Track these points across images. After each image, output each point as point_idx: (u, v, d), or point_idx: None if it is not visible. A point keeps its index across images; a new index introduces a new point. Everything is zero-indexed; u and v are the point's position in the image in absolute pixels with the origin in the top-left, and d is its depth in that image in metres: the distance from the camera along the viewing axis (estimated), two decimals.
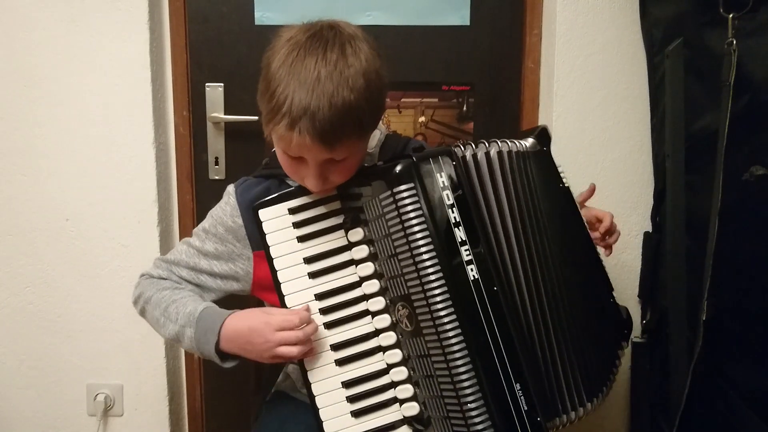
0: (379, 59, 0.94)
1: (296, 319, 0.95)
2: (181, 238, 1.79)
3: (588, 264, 1.11)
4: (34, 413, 1.79)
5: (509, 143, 1.03)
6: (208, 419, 1.88)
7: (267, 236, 1.00)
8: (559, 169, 1.10)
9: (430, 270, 0.90)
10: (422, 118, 1.78)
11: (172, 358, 1.80)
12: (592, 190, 1.23)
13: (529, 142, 1.07)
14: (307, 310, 0.99)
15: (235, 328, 0.99)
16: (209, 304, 1.06)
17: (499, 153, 1.00)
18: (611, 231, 1.17)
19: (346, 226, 1.00)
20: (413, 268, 0.91)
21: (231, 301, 1.10)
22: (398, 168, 0.93)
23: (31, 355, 1.77)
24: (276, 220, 1.01)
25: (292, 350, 0.95)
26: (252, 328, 0.97)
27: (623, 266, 1.70)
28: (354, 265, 1.00)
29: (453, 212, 0.93)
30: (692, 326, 1.43)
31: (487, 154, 0.99)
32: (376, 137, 1.10)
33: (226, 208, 1.09)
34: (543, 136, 1.09)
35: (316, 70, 0.87)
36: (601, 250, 1.18)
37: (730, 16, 1.26)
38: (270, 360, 0.98)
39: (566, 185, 1.10)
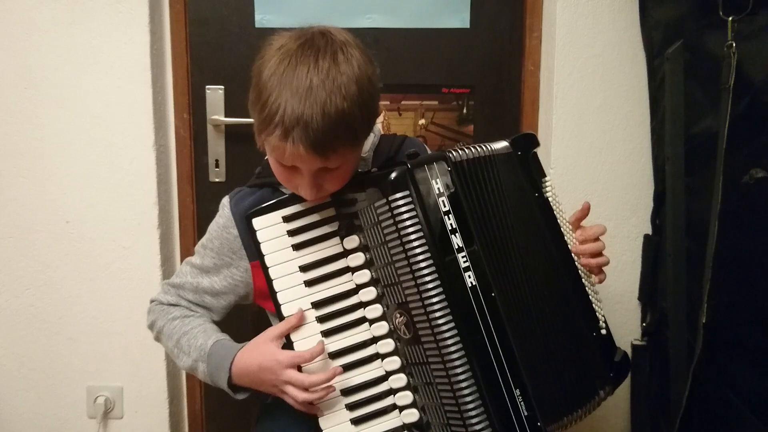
0: (371, 65, 0.93)
1: (308, 355, 0.95)
2: (181, 241, 1.80)
3: (561, 285, 1.04)
4: (34, 415, 1.79)
5: (482, 148, 1.00)
6: (208, 422, 1.88)
7: (261, 245, 1.00)
8: (546, 181, 1.06)
9: (428, 278, 0.90)
10: (422, 121, 1.78)
11: (172, 360, 1.79)
12: (586, 210, 1.10)
13: (499, 144, 1.03)
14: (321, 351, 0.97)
15: (245, 366, 1.00)
16: (218, 338, 1.06)
17: (485, 158, 0.99)
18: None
19: (342, 234, 0.99)
20: (410, 275, 0.91)
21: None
22: (393, 175, 0.91)
23: (31, 357, 1.77)
24: (270, 228, 1.00)
25: (298, 394, 0.95)
26: (262, 366, 0.98)
27: (623, 268, 1.70)
28: (350, 273, 0.99)
29: (449, 219, 0.92)
30: (692, 329, 1.43)
31: (475, 159, 0.98)
32: (369, 141, 1.09)
33: (220, 221, 1.09)
34: (521, 141, 1.05)
35: (308, 78, 0.86)
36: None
37: (730, 18, 1.26)
38: (280, 396, 0.99)
39: (546, 196, 1.05)
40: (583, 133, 1.66)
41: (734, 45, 1.25)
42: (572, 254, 1.06)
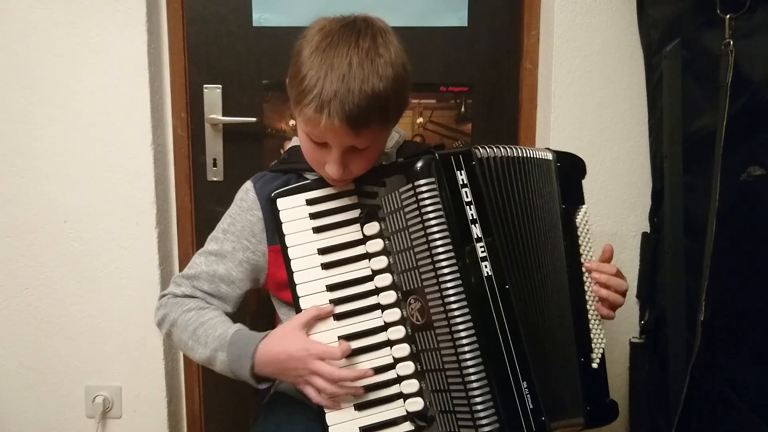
0: (405, 55, 0.97)
1: (338, 353, 0.96)
2: (179, 240, 1.79)
3: (565, 301, 1.06)
4: (33, 415, 1.79)
5: (517, 149, 1.03)
6: (206, 421, 1.88)
7: (283, 225, 1.02)
8: (581, 209, 1.09)
9: (445, 263, 0.92)
10: (420, 119, 1.78)
11: (171, 360, 1.80)
12: (608, 252, 1.12)
13: (542, 151, 1.07)
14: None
15: (272, 353, 1.00)
16: (239, 326, 1.06)
17: (516, 158, 1.02)
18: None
19: (362, 220, 1.02)
20: (429, 260, 0.93)
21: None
22: (420, 163, 0.94)
23: (29, 357, 1.76)
24: (293, 209, 1.03)
25: (326, 386, 0.96)
26: (290, 355, 0.98)
27: (622, 267, 1.68)
28: (367, 259, 1.01)
29: (471, 209, 0.95)
30: (691, 327, 1.43)
31: (503, 158, 1.01)
32: (394, 138, 1.12)
33: (244, 204, 1.10)
34: (567, 157, 1.11)
35: (348, 56, 0.90)
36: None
37: (728, 16, 1.26)
38: (302, 387, 0.99)
39: (575, 221, 1.08)
40: (581, 131, 1.67)
41: (732, 43, 1.25)
42: (584, 278, 1.08)
